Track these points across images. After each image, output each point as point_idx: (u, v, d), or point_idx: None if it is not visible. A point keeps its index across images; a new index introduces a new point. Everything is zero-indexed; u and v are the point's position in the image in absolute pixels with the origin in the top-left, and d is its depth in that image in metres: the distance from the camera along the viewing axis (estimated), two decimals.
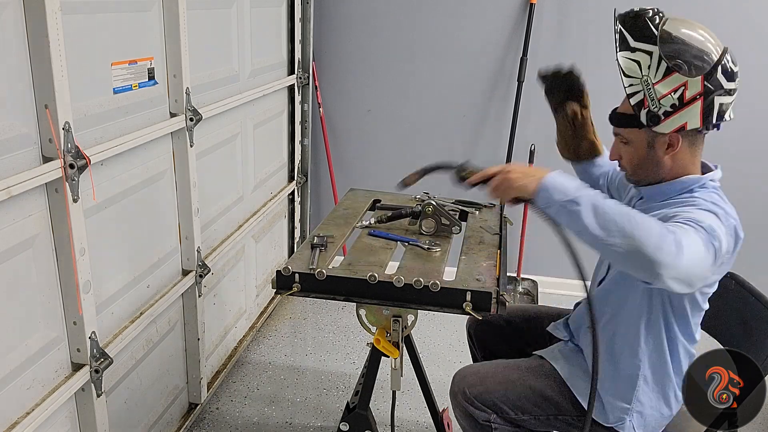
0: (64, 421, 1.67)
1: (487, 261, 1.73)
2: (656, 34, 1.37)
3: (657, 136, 1.42)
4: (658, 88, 1.37)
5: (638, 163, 1.49)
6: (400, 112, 3.46)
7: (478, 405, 1.64)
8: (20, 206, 1.42)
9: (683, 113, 1.38)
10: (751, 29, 3.05)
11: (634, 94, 1.41)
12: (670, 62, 1.36)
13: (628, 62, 1.40)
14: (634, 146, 1.47)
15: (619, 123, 1.48)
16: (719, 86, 1.36)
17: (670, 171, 1.47)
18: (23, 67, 1.38)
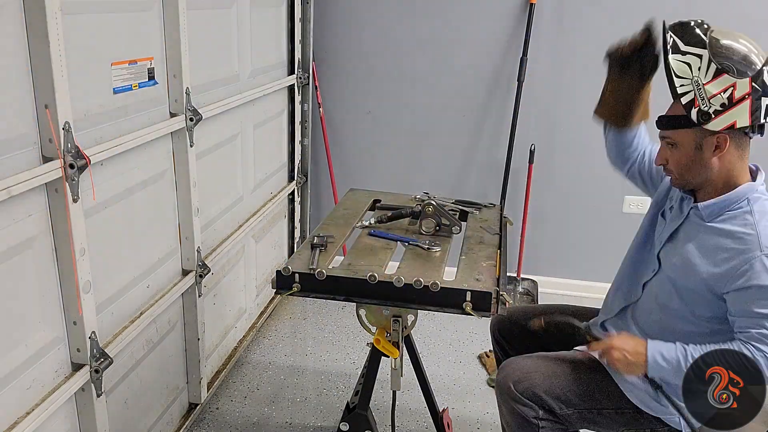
0: (64, 421, 1.67)
1: (487, 261, 1.73)
2: (705, 39, 1.44)
3: (705, 136, 1.46)
4: (708, 88, 1.42)
5: (686, 164, 1.52)
6: (400, 112, 3.46)
7: (524, 401, 1.63)
8: (20, 206, 1.42)
9: (733, 112, 1.42)
10: None
11: (684, 94, 1.45)
12: (720, 64, 1.42)
13: (679, 64, 1.45)
14: (682, 148, 1.51)
15: (668, 125, 1.52)
16: (766, 87, 1.42)
17: (717, 173, 1.50)
18: (23, 66, 1.38)
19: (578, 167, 3.37)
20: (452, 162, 3.49)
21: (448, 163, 3.50)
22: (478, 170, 3.49)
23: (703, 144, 1.47)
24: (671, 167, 1.55)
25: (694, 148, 1.49)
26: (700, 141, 1.47)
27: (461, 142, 3.45)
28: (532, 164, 3.33)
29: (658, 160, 1.58)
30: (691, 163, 1.51)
